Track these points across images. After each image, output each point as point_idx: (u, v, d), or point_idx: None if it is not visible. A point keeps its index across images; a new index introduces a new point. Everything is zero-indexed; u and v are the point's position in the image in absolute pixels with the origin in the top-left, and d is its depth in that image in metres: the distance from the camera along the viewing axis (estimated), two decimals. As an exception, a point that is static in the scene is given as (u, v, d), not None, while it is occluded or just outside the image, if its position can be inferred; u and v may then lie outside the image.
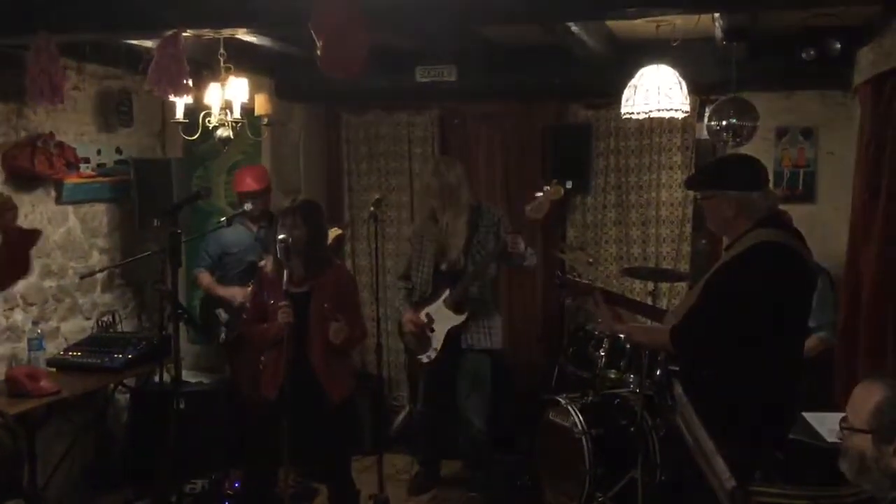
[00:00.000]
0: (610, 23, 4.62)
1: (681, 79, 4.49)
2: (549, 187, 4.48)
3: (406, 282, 5.00)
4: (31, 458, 4.35)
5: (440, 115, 6.04)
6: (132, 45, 4.43)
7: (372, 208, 4.70)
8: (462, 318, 4.74)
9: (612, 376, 4.64)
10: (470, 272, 4.71)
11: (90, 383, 4.68)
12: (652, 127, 5.50)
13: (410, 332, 4.91)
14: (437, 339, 4.82)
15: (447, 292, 4.76)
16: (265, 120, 4.82)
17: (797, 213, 4.84)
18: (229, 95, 4.45)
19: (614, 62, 5.00)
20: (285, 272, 3.79)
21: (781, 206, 4.91)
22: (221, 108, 4.49)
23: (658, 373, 4.40)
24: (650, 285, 4.97)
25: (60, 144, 4.79)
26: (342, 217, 6.22)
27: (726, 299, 3.01)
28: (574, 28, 4.03)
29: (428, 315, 4.84)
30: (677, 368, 3.51)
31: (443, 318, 4.79)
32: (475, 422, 4.86)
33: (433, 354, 4.85)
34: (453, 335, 4.77)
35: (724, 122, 4.60)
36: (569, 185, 5.59)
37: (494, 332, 4.83)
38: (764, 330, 2.98)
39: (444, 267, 4.81)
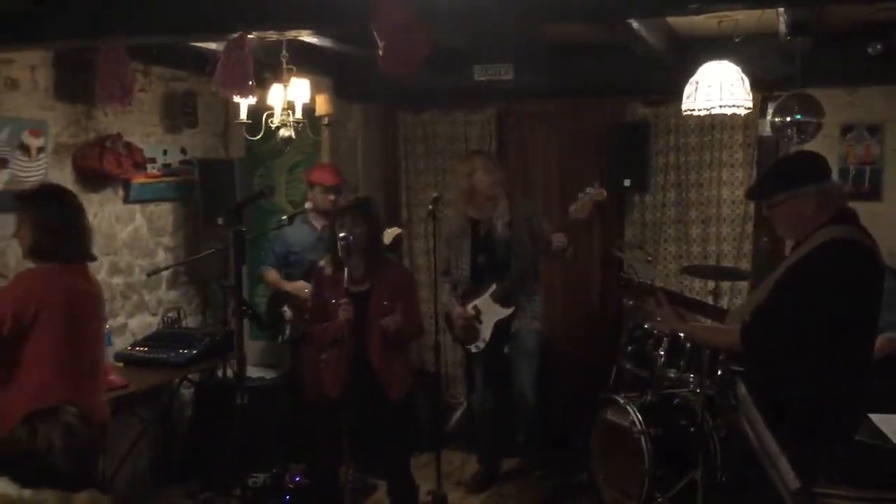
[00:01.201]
0: (670, 19, 4.58)
1: (743, 75, 4.42)
2: (591, 189, 4.59)
3: (447, 277, 5.17)
4: (102, 454, 4.48)
5: (497, 113, 6.04)
6: (197, 47, 4.53)
7: (430, 206, 4.75)
8: (509, 311, 4.94)
9: (672, 376, 4.60)
10: (514, 271, 4.87)
11: (156, 378, 4.80)
12: (713, 124, 5.43)
13: (460, 325, 5.08)
14: (486, 331, 4.99)
15: (493, 287, 4.92)
16: (325, 120, 4.89)
17: (862, 211, 4.70)
18: (291, 96, 4.52)
19: (674, 59, 4.95)
20: (345, 270, 3.83)
21: (851, 204, 4.82)
22: (283, 109, 4.56)
23: (719, 372, 4.35)
24: (711, 284, 4.91)
25: (128, 145, 4.92)
26: (399, 216, 6.27)
27: (798, 298, 2.95)
28: (634, 25, 4.00)
29: (475, 308, 5.01)
30: (741, 368, 3.47)
31: (490, 311, 4.97)
32: (527, 394, 5.04)
33: (482, 345, 5.04)
34: (501, 326, 4.96)
35: (788, 119, 4.51)
36: (627, 183, 5.59)
37: (537, 312, 5.03)
38: (835, 329, 2.92)
39: (481, 260, 4.99)
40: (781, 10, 3.83)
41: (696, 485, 4.19)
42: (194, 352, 4.85)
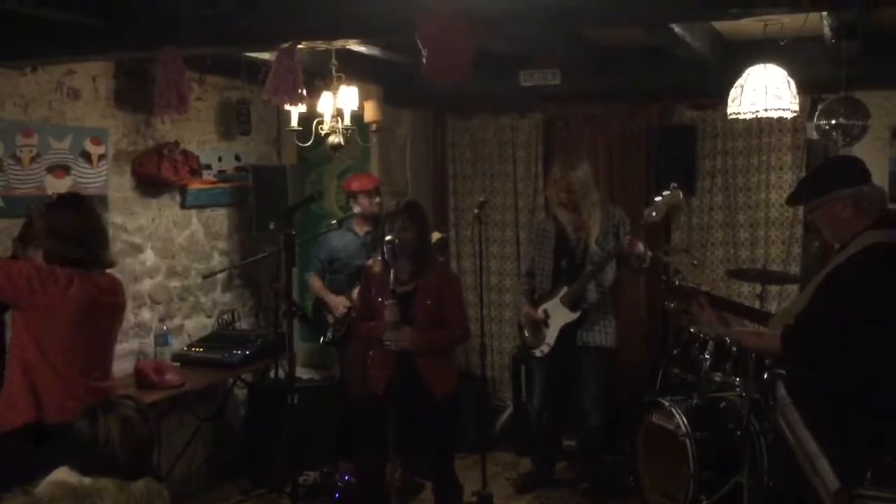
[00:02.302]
0: (716, 23, 4.58)
1: (789, 78, 4.40)
2: (667, 192, 4.53)
3: (530, 279, 5.12)
4: (157, 446, 4.62)
5: (544, 118, 6.09)
6: (250, 57, 4.66)
7: (476, 211, 4.81)
8: (576, 315, 4.82)
9: (718, 379, 4.59)
10: (587, 271, 4.79)
11: (211, 378, 4.95)
12: (761, 127, 5.41)
13: (526, 324, 5.04)
14: (552, 335, 4.92)
15: (564, 290, 4.85)
16: (374, 126, 4.99)
17: (914, 215, 4.69)
18: (340, 103, 4.63)
19: (720, 62, 4.95)
20: (392, 271, 3.91)
21: (897, 208, 4.77)
22: (333, 116, 4.68)
23: (765, 376, 4.33)
24: (758, 288, 4.88)
25: (185, 152, 5.08)
26: (447, 220, 6.35)
27: (838, 302, 2.95)
28: (677, 29, 4.02)
29: (545, 311, 4.95)
30: (783, 371, 3.47)
31: (558, 314, 4.88)
32: (592, 416, 4.93)
33: (546, 349, 4.95)
34: (566, 331, 4.86)
35: (833, 122, 4.49)
36: (674, 186, 5.58)
37: (609, 332, 4.89)
38: (876, 334, 2.91)
39: (564, 265, 4.91)
40: (826, 13, 3.82)
41: (742, 488, 4.18)
42: (247, 353, 4.98)
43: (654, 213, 4.53)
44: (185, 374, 4.68)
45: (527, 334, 5.08)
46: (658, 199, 4.54)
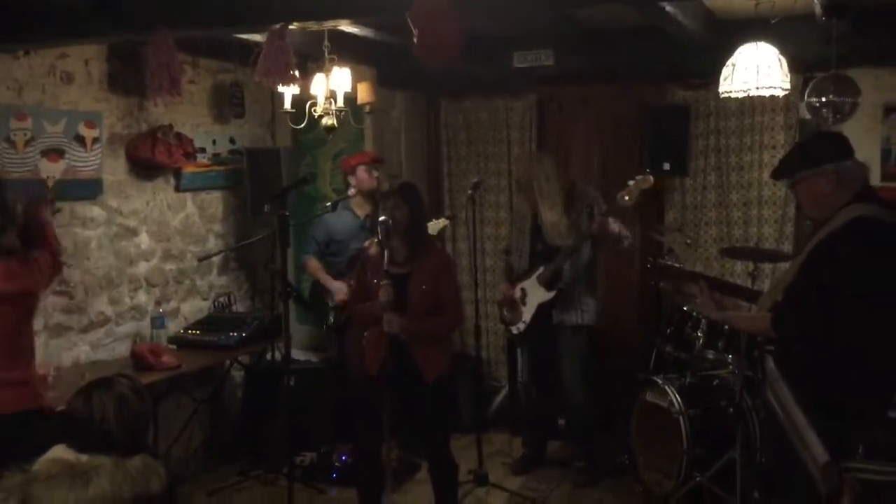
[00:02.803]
0: (707, 1, 4.58)
1: (781, 56, 4.40)
2: (640, 176, 4.61)
3: (508, 256, 5.24)
4: (154, 427, 4.66)
5: (538, 99, 6.10)
6: (243, 39, 4.66)
7: (470, 192, 4.84)
8: (551, 294, 4.92)
9: (711, 357, 4.63)
10: (561, 253, 4.85)
11: (207, 360, 4.98)
12: (753, 106, 5.42)
13: (502, 301, 5.15)
14: (528, 313, 5.02)
15: (541, 269, 4.93)
16: (367, 108, 4.98)
17: (906, 192, 4.71)
18: (333, 85, 4.61)
19: (713, 42, 4.93)
20: (386, 252, 3.93)
21: (891, 184, 4.80)
22: (326, 98, 4.66)
23: (757, 353, 4.37)
24: (751, 266, 4.91)
25: (179, 135, 5.09)
26: (442, 202, 6.36)
27: (823, 278, 2.98)
28: (669, 8, 4.03)
29: (522, 289, 5.04)
30: (773, 347, 3.50)
31: (535, 293, 4.98)
32: (576, 393, 5.02)
33: (522, 327, 5.07)
34: (543, 310, 4.94)
35: (823, 99, 4.50)
36: (667, 166, 5.61)
37: (587, 311, 4.96)
38: (862, 306, 2.95)
39: (539, 245, 5.00)
40: (816, -10, 3.83)
41: (735, 464, 4.22)
42: (244, 335, 5.01)
43: (626, 197, 4.61)
44: (181, 356, 4.71)
45: (504, 311, 5.18)
46: (630, 182, 4.60)
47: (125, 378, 2.58)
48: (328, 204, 5.45)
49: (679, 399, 4.44)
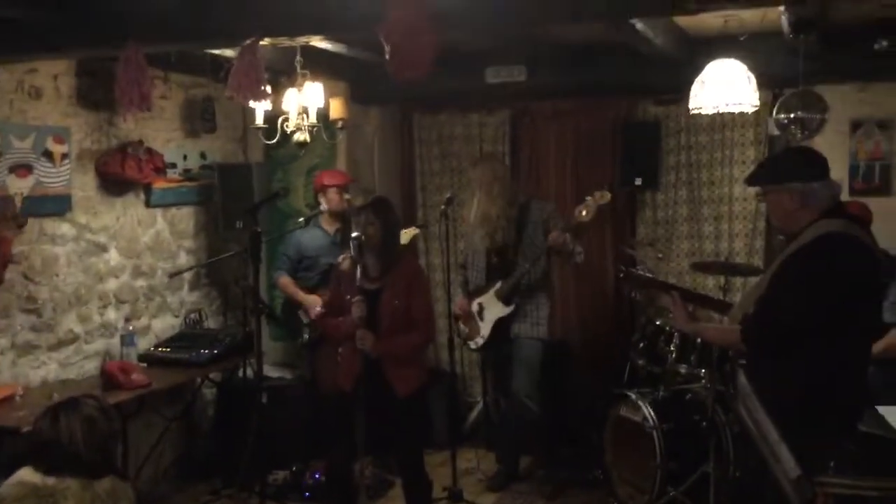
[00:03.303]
0: (677, 19, 4.63)
1: (749, 73, 4.46)
2: (598, 192, 4.67)
3: (463, 270, 5.29)
4: (124, 447, 4.59)
5: (511, 114, 6.12)
6: (215, 54, 4.64)
7: (443, 206, 4.84)
8: (509, 309, 4.97)
9: (683, 371, 4.65)
10: (519, 268, 4.91)
11: (178, 377, 4.90)
12: (724, 122, 5.48)
13: (460, 317, 5.18)
14: (486, 328, 5.06)
15: (499, 284, 4.98)
16: (340, 123, 4.98)
17: (873, 206, 4.76)
18: (306, 101, 4.62)
19: (684, 58, 4.99)
20: (359, 268, 3.91)
21: (861, 199, 4.86)
22: (298, 113, 4.66)
23: (729, 367, 4.39)
24: (722, 280, 4.95)
25: (149, 150, 5.04)
26: (415, 217, 6.35)
27: (793, 292, 3.00)
28: (639, 26, 4.06)
29: (480, 304, 5.08)
30: (744, 361, 3.52)
31: (492, 308, 5.03)
32: (528, 404, 5.04)
33: (480, 342, 5.11)
34: (501, 325, 5.00)
35: (791, 116, 4.57)
36: (638, 181, 5.66)
37: (541, 323, 5.02)
38: (831, 320, 2.97)
39: (494, 260, 5.04)
40: (784, 8, 3.88)
41: (709, 478, 4.23)
42: (215, 352, 4.95)
43: (583, 213, 4.66)
44: (152, 374, 4.64)
45: (461, 326, 5.21)
46: (588, 198, 4.65)
47: (92, 398, 2.54)
48: (301, 220, 5.43)
49: (652, 413, 4.45)
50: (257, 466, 4.64)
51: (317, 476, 5.05)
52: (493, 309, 5.02)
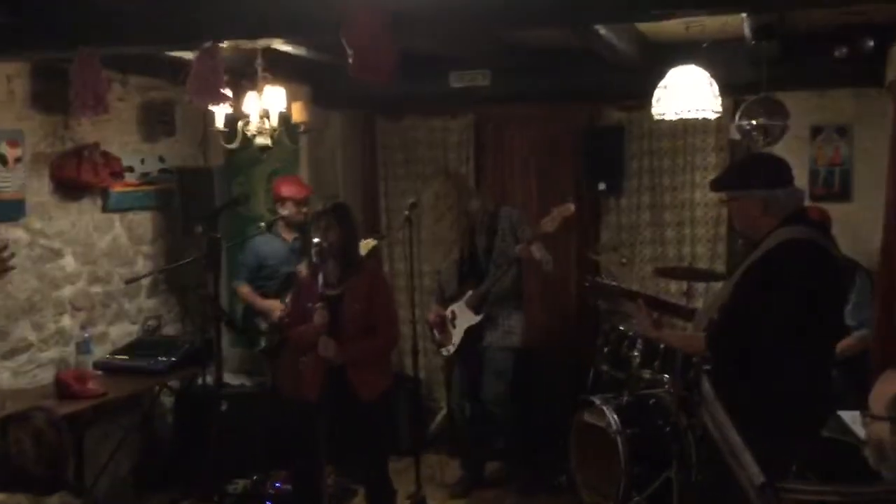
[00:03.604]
0: (639, 25, 4.64)
1: (711, 79, 4.49)
2: (563, 205, 4.72)
3: (439, 276, 5.32)
4: (80, 457, 4.49)
5: (475, 119, 6.10)
6: (174, 56, 4.56)
7: (407, 212, 4.81)
8: (478, 318, 4.99)
9: (647, 376, 4.66)
10: (489, 278, 4.93)
11: (136, 386, 4.81)
12: (685, 128, 5.50)
13: (432, 324, 5.19)
14: (457, 336, 5.08)
15: (470, 293, 4.99)
16: (302, 127, 4.93)
17: (833, 212, 4.83)
18: (267, 104, 4.56)
19: (646, 64, 5.01)
20: (320, 275, 3.87)
21: (821, 205, 4.92)
22: (259, 117, 4.59)
23: (692, 372, 4.41)
24: (685, 286, 4.97)
25: (106, 154, 4.93)
26: (379, 222, 6.31)
27: (756, 298, 3.02)
28: (603, 31, 4.06)
29: (452, 312, 5.10)
30: (709, 367, 3.53)
31: (463, 316, 5.05)
32: (498, 412, 5.08)
33: (451, 349, 5.13)
34: (472, 333, 5.02)
35: (753, 122, 4.61)
36: (602, 186, 5.67)
37: (514, 332, 5.02)
38: (795, 326, 2.99)
39: (465, 269, 5.08)
40: (746, 15, 3.90)
41: (672, 483, 4.24)
42: (174, 359, 4.86)
43: (547, 224, 4.69)
44: (108, 382, 4.55)
45: (435, 333, 5.22)
46: (554, 210, 4.69)
47: (42, 411, 2.46)
48: (262, 224, 5.36)
49: (616, 419, 4.45)
50: (217, 475, 4.57)
51: (278, 485, 4.99)
52: (464, 317, 5.04)
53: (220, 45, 3.51)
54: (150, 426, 5.41)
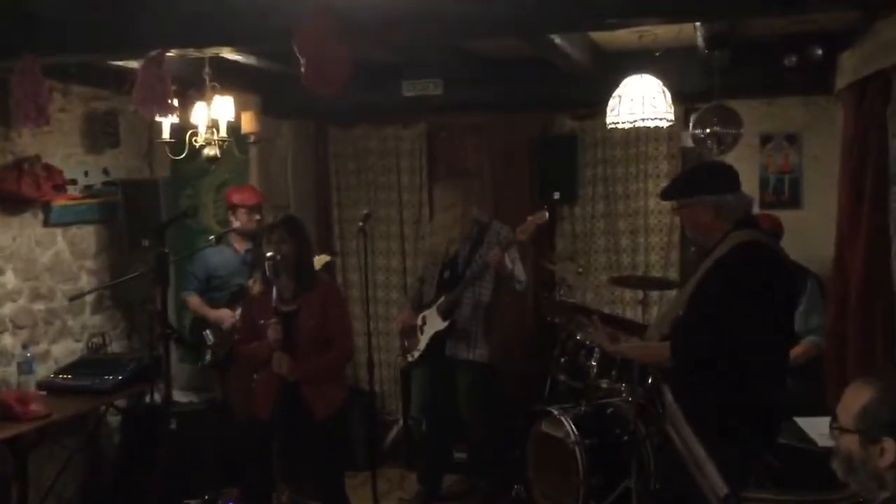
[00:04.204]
0: (592, 34, 4.65)
1: (665, 88, 4.51)
2: (538, 213, 4.67)
3: (421, 284, 5.22)
4: (24, 481, 4.33)
5: (428, 128, 6.05)
6: (118, 66, 4.44)
7: (361, 223, 4.74)
8: (445, 324, 4.91)
9: (604, 385, 4.64)
10: (462, 284, 4.87)
11: (81, 406, 4.65)
12: (638, 136, 5.52)
13: (401, 328, 5.12)
14: (423, 342, 5.01)
15: (442, 298, 4.93)
16: (252, 138, 4.83)
17: (784, 219, 4.87)
18: (215, 114, 4.45)
19: (599, 73, 5.02)
20: (274, 289, 3.78)
21: (771, 212, 4.97)
22: (208, 127, 4.49)
23: (650, 381, 4.41)
24: (640, 294, 4.98)
25: (47, 167, 4.78)
26: (331, 233, 6.22)
27: (717, 303, 3.05)
28: (557, 40, 4.05)
29: (423, 318, 5.02)
30: (665, 375, 3.53)
31: (432, 322, 4.98)
32: (479, 430, 5.05)
33: (416, 355, 5.06)
34: (438, 340, 4.94)
35: (707, 130, 4.64)
36: (556, 195, 5.66)
37: (479, 348, 4.94)
38: (755, 329, 3.04)
39: (446, 275, 4.99)
40: (699, 24, 3.92)
41: (631, 493, 4.22)
42: (120, 378, 4.72)
43: (522, 232, 4.65)
44: (52, 403, 4.38)
45: (404, 339, 5.16)
46: (529, 218, 4.64)
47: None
48: (211, 237, 5.24)
49: (574, 429, 4.42)
50: (166, 495, 4.43)
51: (230, 504, 4.88)
52: (432, 323, 4.98)
53: (167, 53, 3.41)
54: (96, 447, 5.25)
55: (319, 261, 4.87)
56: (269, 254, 3.81)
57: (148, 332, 5.08)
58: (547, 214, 4.68)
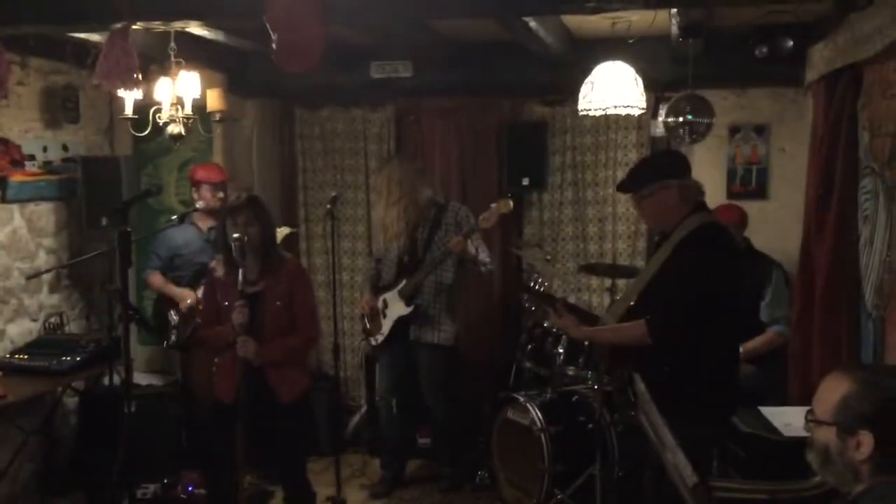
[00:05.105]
0: (566, 20, 4.61)
1: (637, 76, 4.49)
2: (502, 200, 4.68)
3: (377, 264, 5.16)
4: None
5: (396, 111, 5.97)
6: (78, 38, 4.30)
7: (328, 206, 4.68)
8: (409, 309, 4.89)
9: (571, 373, 4.64)
10: (422, 268, 4.86)
11: (37, 387, 4.55)
12: (608, 124, 5.51)
13: (363, 313, 5.10)
14: (387, 326, 4.99)
15: (403, 282, 4.90)
16: (217, 116, 4.73)
17: (750, 210, 4.91)
18: (180, 91, 4.35)
19: (570, 59, 5.00)
20: (240, 272, 3.70)
21: (738, 202, 5.01)
22: (172, 104, 4.38)
23: (620, 372, 4.40)
24: (607, 282, 4.98)
25: (4, 141, 4.67)
26: (297, 215, 6.13)
27: (689, 282, 3.15)
28: (532, 24, 4.01)
29: (385, 301, 4.99)
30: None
31: (394, 306, 4.96)
32: (440, 414, 5.06)
33: (380, 339, 5.04)
34: (401, 324, 4.94)
35: (680, 119, 4.63)
36: (525, 181, 5.64)
37: (444, 331, 4.94)
38: (722, 305, 3.18)
39: (406, 259, 4.95)
40: (675, 11, 3.90)
41: (595, 481, 4.23)
42: (78, 359, 4.62)
43: (486, 220, 4.65)
44: (7, 384, 4.27)
45: (366, 322, 5.13)
46: (493, 205, 4.64)
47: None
48: (174, 217, 5.13)
49: (540, 416, 4.42)
50: (125, 480, 4.33)
51: (190, 489, 4.82)
52: (395, 307, 4.94)
53: (133, 26, 3.30)
54: (52, 429, 5.13)
55: (280, 233, 4.79)
56: (234, 235, 3.71)
57: (107, 313, 4.96)
58: (511, 203, 4.68)
